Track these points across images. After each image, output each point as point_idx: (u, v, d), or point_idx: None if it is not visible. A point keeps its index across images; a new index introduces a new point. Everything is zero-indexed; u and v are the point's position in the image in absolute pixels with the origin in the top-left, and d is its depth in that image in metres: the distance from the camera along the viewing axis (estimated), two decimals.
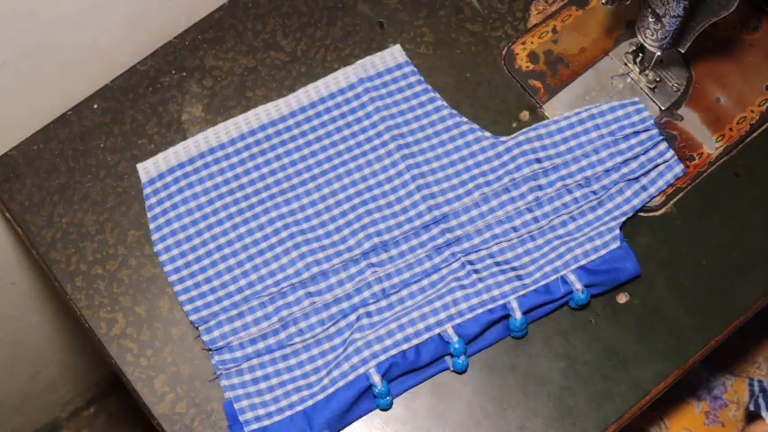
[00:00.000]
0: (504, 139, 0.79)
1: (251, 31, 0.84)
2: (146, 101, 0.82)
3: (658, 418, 1.00)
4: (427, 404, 0.73)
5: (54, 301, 1.10)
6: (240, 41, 0.84)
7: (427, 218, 0.76)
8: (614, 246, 0.74)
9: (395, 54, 0.83)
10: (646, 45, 0.77)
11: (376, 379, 0.70)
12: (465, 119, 0.80)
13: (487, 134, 0.79)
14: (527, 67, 0.83)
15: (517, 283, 0.73)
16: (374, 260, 0.75)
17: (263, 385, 0.72)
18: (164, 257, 0.76)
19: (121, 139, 0.81)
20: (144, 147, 0.80)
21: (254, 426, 0.70)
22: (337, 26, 0.85)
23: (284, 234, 0.76)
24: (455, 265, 0.75)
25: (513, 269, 0.74)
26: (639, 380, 0.73)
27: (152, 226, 0.77)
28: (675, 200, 0.78)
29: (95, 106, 0.82)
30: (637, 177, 0.77)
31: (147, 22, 0.82)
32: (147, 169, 0.79)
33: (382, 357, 0.71)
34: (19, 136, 0.80)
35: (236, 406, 0.71)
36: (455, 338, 0.71)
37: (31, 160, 0.80)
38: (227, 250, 0.76)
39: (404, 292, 0.74)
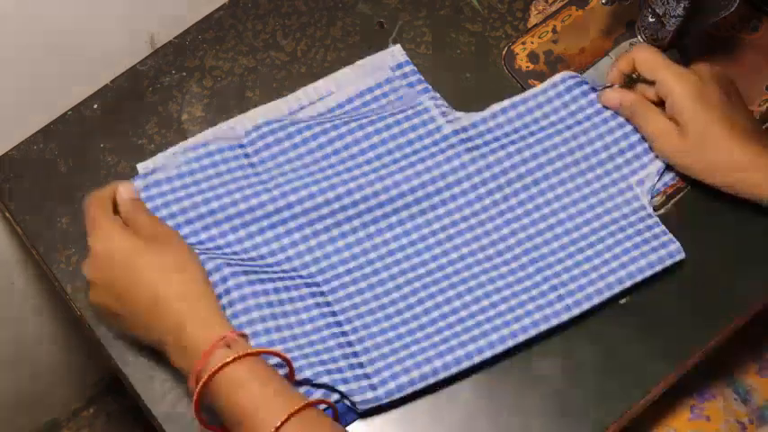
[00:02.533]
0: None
1: (251, 31, 0.84)
2: (146, 101, 0.82)
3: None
4: (427, 404, 0.72)
5: (54, 301, 1.10)
6: (240, 41, 0.84)
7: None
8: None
9: (395, 54, 0.83)
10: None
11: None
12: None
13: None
14: (527, 67, 0.83)
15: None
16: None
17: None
18: None
19: (121, 139, 0.81)
20: (144, 147, 0.80)
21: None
22: (337, 26, 0.85)
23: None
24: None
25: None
26: (639, 380, 0.73)
27: None
28: (675, 200, 0.78)
29: (95, 106, 0.82)
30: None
31: (147, 21, 0.82)
32: (147, 169, 0.79)
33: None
34: (19, 136, 0.80)
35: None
36: None
37: (31, 160, 0.80)
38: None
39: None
